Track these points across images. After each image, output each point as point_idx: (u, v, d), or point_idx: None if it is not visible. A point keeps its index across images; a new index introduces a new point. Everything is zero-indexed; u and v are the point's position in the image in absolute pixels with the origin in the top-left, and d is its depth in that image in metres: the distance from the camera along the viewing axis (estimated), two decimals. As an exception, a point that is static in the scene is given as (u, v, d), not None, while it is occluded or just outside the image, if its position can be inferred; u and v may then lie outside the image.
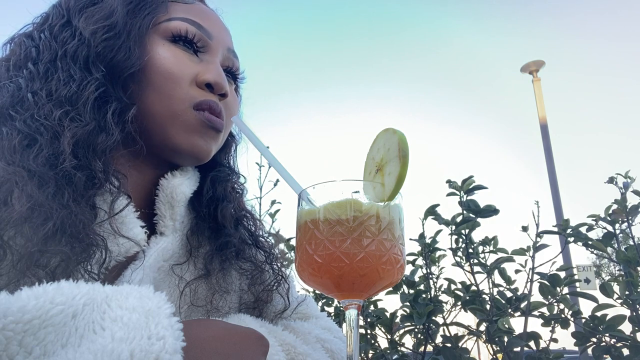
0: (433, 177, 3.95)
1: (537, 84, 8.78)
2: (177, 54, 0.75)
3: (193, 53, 0.78)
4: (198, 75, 0.76)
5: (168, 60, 0.74)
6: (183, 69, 0.75)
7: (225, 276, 0.84)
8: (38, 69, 0.68)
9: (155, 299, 0.48)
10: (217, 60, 0.79)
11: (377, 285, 0.62)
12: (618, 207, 1.65)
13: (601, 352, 1.46)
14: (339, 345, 0.84)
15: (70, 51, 0.70)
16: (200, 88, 0.76)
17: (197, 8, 0.82)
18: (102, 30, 0.71)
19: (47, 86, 0.67)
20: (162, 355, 0.43)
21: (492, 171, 27.55)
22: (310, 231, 0.62)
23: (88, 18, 0.72)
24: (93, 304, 0.46)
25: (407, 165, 0.61)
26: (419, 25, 37.62)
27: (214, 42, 0.80)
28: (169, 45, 0.76)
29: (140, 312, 0.46)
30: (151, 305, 0.47)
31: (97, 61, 0.70)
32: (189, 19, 0.78)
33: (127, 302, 0.47)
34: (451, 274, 1.79)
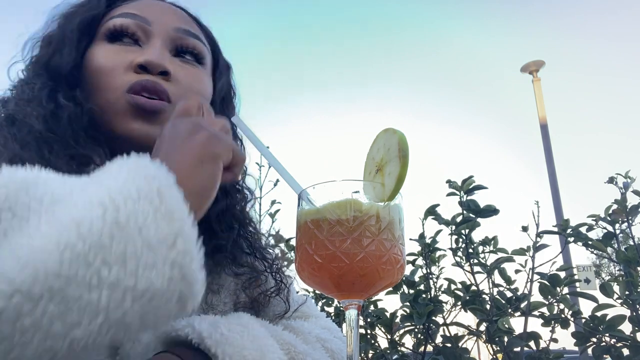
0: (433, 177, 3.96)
1: (537, 84, 8.78)
2: (112, 50, 0.78)
3: (134, 44, 0.80)
4: (133, 60, 0.77)
5: (101, 57, 0.78)
6: (116, 60, 0.77)
7: (214, 278, 0.84)
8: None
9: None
10: (157, 43, 0.80)
11: (377, 285, 0.62)
12: (618, 207, 1.65)
13: (601, 352, 1.46)
14: (338, 345, 0.84)
15: (29, 65, 0.82)
16: (136, 72, 0.77)
17: (135, 2, 0.84)
18: (45, 45, 0.81)
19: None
20: (162, 188, 0.48)
21: (492, 171, 27.55)
22: (310, 231, 0.62)
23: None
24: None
25: (407, 165, 0.61)
26: (418, 25, 37.64)
27: (153, 27, 0.81)
28: (106, 44, 0.79)
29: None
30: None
31: (38, 69, 0.79)
32: (123, 13, 0.81)
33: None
34: (451, 274, 1.79)
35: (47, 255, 0.42)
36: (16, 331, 0.40)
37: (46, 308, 0.41)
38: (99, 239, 0.44)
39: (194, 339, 0.63)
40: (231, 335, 0.65)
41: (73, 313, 0.42)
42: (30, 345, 0.41)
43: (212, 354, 0.62)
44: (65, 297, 0.42)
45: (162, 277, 0.46)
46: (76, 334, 0.43)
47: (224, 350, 0.62)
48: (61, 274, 0.42)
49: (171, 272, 0.47)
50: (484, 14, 27.09)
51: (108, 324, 0.44)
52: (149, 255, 0.46)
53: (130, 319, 0.45)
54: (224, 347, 0.63)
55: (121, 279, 0.44)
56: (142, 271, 0.45)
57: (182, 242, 0.48)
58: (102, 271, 0.43)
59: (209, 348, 0.62)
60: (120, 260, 0.44)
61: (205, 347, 0.63)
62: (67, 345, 0.43)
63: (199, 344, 0.63)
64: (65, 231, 0.43)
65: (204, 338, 0.63)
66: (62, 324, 0.42)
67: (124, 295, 0.44)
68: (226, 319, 0.68)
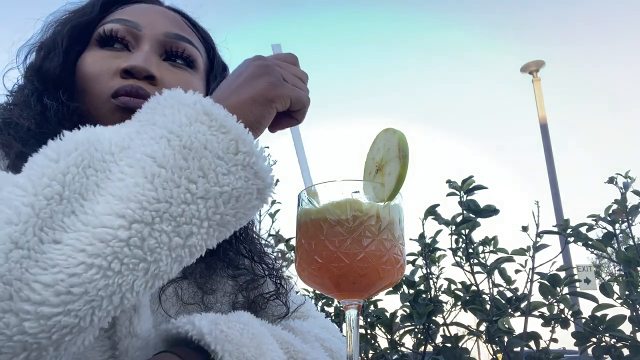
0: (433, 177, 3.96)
1: (537, 84, 8.77)
2: (102, 55, 0.79)
3: (125, 49, 0.80)
4: (119, 66, 0.77)
5: (89, 62, 0.78)
6: (103, 65, 0.77)
7: (208, 280, 0.84)
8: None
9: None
10: (145, 47, 0.80)
11: (377, 285, 0.62)
12: (618, 207, 1.65)
13: (601, 352, 1.46)
14: (337, 344, 0.85)
15: (24, 71, 0.83)
16: (122, 78, 0.77)
17: (129, 8, 0.84)
18: (38, 52, 0.83)
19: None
20: (206, 108, 0.56)
21: (492, 171, 27.55)
22: (310, 231, 0.62)
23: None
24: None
25: (407, 165, 0.61)
26: (418, 26, 37.66)
27: (143, 32, 0.80)
28: (96, 50, 0.80)
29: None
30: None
31: (30, 75, 0.81)
32: (115, 19, 0.81)
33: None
34: (451, 274, 1.79)
35: (141, 186, 0.51)
36: (147, 251, 0.49)
37: (162, 227, 0.50)
38: (175, 162, 0.52)
39: (194, 336, 0.64)
40: (231, 333, 0.65)
41: (184, 226, 0.52)
42: (161, 260, 0.51)
43: (211, 351, 0.63)
44: (172, 215, 0.51)
45: (239, 179, 0.56)
46: (192, 241, 0.53)
47: (223, 347, 0.62)
48: (159, 198, 0.51)
49: (245, 173, 0.56)
50: (484, 14, 27.09)
51: (212, 227, 0.55)
52: (221, 164, 0.55)
53: (227, 219, 0.56)
54: (223, 344, 0.63)
55: (208, 189, 0.53)
56: (222, 179, 0.54)
57: (243, 145, 0.56)
58: (191, 187, 0.53)
59: (209, 344, 0.63)
60: (202, 174, 0.53)
61: (205, 344, 0.63)
62: (187, 252, 0.53)
63: (199, 340, 0.63)
64: (146, 165, 0.52)
65: (204, 335, 0.63)
66: (179, 237, 0.52)
67: (216, 201, 0.54)
68: (226, 317, 0.69)
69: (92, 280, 0.47)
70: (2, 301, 0.45)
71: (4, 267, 0.45)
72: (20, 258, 0.45)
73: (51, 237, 0.47)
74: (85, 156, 0.51)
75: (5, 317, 0.45)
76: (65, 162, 0.50)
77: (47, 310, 0.45)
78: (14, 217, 0.46)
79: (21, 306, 0.45)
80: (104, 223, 0.48)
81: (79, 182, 0.50)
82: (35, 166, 0.50)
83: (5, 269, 0.45)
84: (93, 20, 0.83)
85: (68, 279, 0.46)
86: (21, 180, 0.49)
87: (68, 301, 0.46)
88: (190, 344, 0.64)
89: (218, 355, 0.62)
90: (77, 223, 0.49)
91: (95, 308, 0.48)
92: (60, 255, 0.46)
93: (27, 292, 0.45)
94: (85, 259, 0.47)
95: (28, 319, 0.45)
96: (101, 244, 0.47)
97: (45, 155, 0.51)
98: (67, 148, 0.51)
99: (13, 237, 0.45)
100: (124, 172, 0.52)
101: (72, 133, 0.54)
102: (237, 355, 0.63)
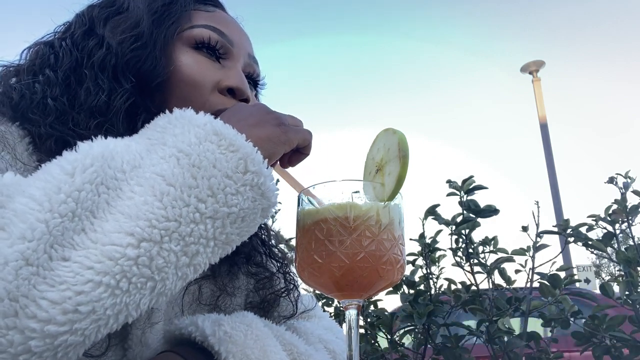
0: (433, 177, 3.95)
1: (537, 84, 8.78)
2: (200, 60, 0.76)
3: (215, 60, 0.78)
4: (220, 81, 0.76)
5: (191, 67, 0.74)
6: (205, 75, 0.75)
7: (232, 279, 0.85)
8: (57, 75, 0.69)
9: None
10: (238, 66, 0.80)
11: (377, 285, 0.62)
12: (618, 207, 1.64)
13: (601, 352, 1.46)
14: (341, 346, 0.85)
15: (97, 60, 0.70)
16: (222, 94, 0.76)
17: (218, 15, 0.82)
18: (129, 40, 0.72)
19: (68, 93, 0.69)
20: (216, 127, 0.58)
21: (493, 171, 27.54)
22: (310, 231, 0.62)
23: (114, 28, 0.74)
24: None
25: (407, 165, 0.61)
26: (418, 26, 37.66)
27: (235, 49, 0.80)
28: (192, 52, 0.76)
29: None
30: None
31: (125, 71, 0.71)
32: (211, 26, 0.78)
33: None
34: (451, 274, 1.79)
35: (150, 204, 0.51)
36: (154, 270, 0.50)
37: (170, 247, 0.51)
38: (184, 180, 0.53)
39: (198, 337, 0.64)
40: (234, 334, 0.65)
41: (191, 246, 0.52)
42: (168, 279, 0.51)
43: (215, 352, 0.63)
44: (181, 235, 0.51)
45: (247, 200, 0.56)
46: (198, 260, 0.54)
47: (227, 349, 0.63)
48: (169, 216, 0.51)
49: (253, 193, 0.57)
50: (484, 14, 27.08)
51: (217, 246, 0.55)
52: (230, 183, 0.55)
53: (232, 237, 0.57)
54: (227, 345, 0.63)
55: (217, 210, 0.54)
56: (230, 199, 0.55)
57: (252, 165, 0.57)
58: (200, 207, 0.53)
59: (212, 346, 0.63)
60: (211, 194, 0.54)
61: (208, 345, 0.63)
62: (192, 270, 0.54)
63: (202, 341, 0.63)
64: (155, 183, 0.52)
65: (207, 336, 0.63)
66: (186, 256, 0.52)
67: (224, 222, 0.55)
68: (230, 318, 0.69)
69: (99, 298, 0.46)
70: (7, 317, 0.44)
71: (12, 284, 0.44)
72: (29, 275, 0.45)
73: (60, 254, 0.47)
74: (100, 173, 0.51)
75: (9, 335, 0.44)
76: (81, 178, 0.50)
77: (53, 329, 0.44)
78: (28, 233, 0.45)
79: (27, 324, 0.44)
80: (113, 241, 0.48)
81: (91, 200, 0.50)
82: (51, 179, 0.49)
83: (13, 286, 0.44)
84: (182, 16, 0.77)
85: (75, 297, 0.45)
86: (36, 193, 0.47)
87: (75, 320, 0.45)
88: (194, 344, 0.64)
89: (222, 357, 0.62)
90: (86, 241, 0.48)
91: (102, 327, 0.47)
92: (68, 272, 0.46)
93: (33, 309, 0.44)
94: (94, 277, 0.46)
95: (34, 337, 0.44)
96: (110, 262, 0.47)
97: (62, 169, 0.50)
98: (84, 163, 0.51)
99: (25, 254, 0.44)
100: (133, 190, 0.52)
101: (87, 146, 0.53)
102: (240, 357, 0.63)
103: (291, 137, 0.65)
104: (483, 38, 29.36)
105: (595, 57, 24.37)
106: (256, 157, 0.57)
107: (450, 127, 29.84)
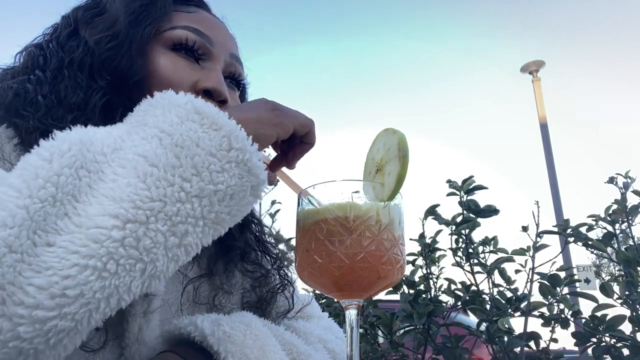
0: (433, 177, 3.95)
1: (537, 84, 8.77)
2: (177, 62, 0.76)
3: (194, 61, 0.78)
4: (197, 82, 0.76)
5: (167, 68, 0.75)
6: (182, 76, 0.75)
7: (228, 277, 0.85)
8: (46, 75, 0.71)
9: None
10: (218, 67, 0.79)
11: (377, 285, 0.62)
12: (618, 207, 1.65)
13: (601, 352, 1.46)
14: (340, 346, 0.85)
15: (76, 60, 0.73)
16: (199, 95, 0.76)
17: (199, 16, 0.82)
18: (105, 39, 0.74)
19: (55, 91, 0.70)
20: (197, 106, 0.57)
21: (492, 171, 27.54)
22: (310, 231, 0.62)
23: (93, 28, 0.75)
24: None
25: (407, 165, 0.61)
26: (418, 25, 37.67)
27: (215, 49, 0.80)
28: (170, 53, 0.76)
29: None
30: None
31: (101, 70, 0.72)
32: (191, 27, 0.78)
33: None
34: (451, 274, 1.79)
35: (134, 186, 0.50)
36: (142, 252, 0.49)
37: (157, 227, 0.50)
38: (167, 160, 0.52)
39: (197, 337, 0.64)
40: (234, 334, 0.65)
41: (179, 225, 0.52)
42: (158, 260, 0.50)
43: (214, 352, 0.63)
44: (167, 214, 0.51)
45: (233, 177, 0.55)
46: (188, 240, 0.53)
47: (226, 348, 0.63)
48: (153, 197, 0.50)
49: (239, 170, 0.56)
50: (484, 14, 27.08)
51: (207, 225, 0.54)
52: (214, 161, 0.54)
53: (222, 217, 0.56)
54: (226, 345, 0.63)
55: (203, 188, 0.53)
56: (216, 176, 0.54)
57: (236, 142, 0.56)
58: (185, 186, 0.52)
59: (212, 345, 0.63)
60: (195, 173, 0.53)
61: (207, 345, 0.63)
62: (184, 252, 0.53)
63: (202, 341, 0.63)
64: (138, 164, 0.52)
65: (206, 336, 0.63)
66: (175, 236, 0.51)
67: (211, 200, 0.54)
68: (229, 318, 0.69)
69: (87, 281, 0.46)
70: None
71: None
72: (13, 262, 0.45)
73: (44, 240, 0.47)
74: (79, 157, 0.51)
75: None
76: (59, 163, 0.50)
77: (41, 314, 0.45)
78: (9, 220, 0.45)
79: (15, 310, 0.44)
80: (97, 224, 0.48)
81: (71, 184, 0.50)
82: (28, 166, 0.49)
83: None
84: (160, 16, 0.77)
85: (62, 282, 0.45)
86: (15, 180, 0.48)
87: (63, 304, 0.45)
88: (193, 344, 0.64)
89: (221, 356, 0.62)
90: (70, 225, 0.48)
91: (93, 311, 0.47)
92: (53, 257, 0.46)
93: (20, 295, 0.44)
94: (79, 261, 0.46)
95: (22, 324, 0.44)
96: (95, 245, 0.47)
97: (39, 155, 0.50)
98: (61, 149, 0.51)
99: (7, 241, 0.44)
100: (116, 172, 0.52)
101: (64, 133, 0.53)
102: (239, 357, 0.63)
103: (284, 121, 0.64)
104: (483, 38, 29.35)
105: (595, 57, 24.37)
106: (240, 134, 0.56)
107: (450, 127, 29.83)
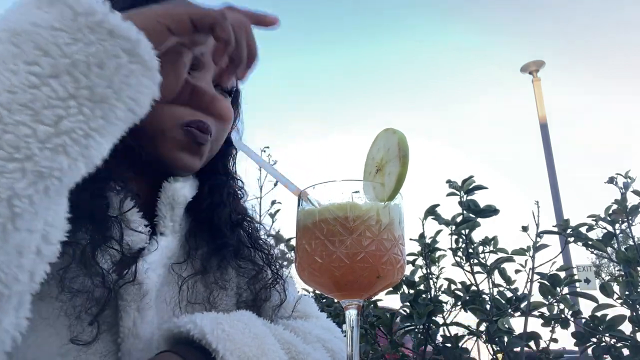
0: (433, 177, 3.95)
1: (537, 84, 8.77)
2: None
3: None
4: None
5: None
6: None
7: (222, 273, 0.86)
8: None
9: None
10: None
11: (377, 285, 0.62)
12: (618, 207, 1.65)
13: (601, 352, 1.46)
14: (339, 345, 0.85)
15: None
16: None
17: None
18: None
19: None
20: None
21: (492, 171, 27.55)
22: (310, 231, 0.62)
23: None
24: None
25: (407, 165, 0.61)
26: (418, 26, 37.67)
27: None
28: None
29: None
30: None
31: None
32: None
33: None
34: (451, 274, 1.79)
35: None
36: (9, 149, 0.44)
37: (14, 119, 0.45)
38: (7, 53, 0.47)
39: (196, 335, 0.64)
40: (233, 332, 0.65)
41: (44, 111, 0.47)
42: (36, 155, 0.45)
43: (213, 350, 0.63)
44: (20, 103, 0.46)
45: (91, 44, 0.49)
46: (67, 125, 0.47)
47: (225, 347, 0.63)
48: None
49: (96, 35, 0.49)
50: (484, 14, 27.10)
51: (85, 105, 0.48)
52: (60, 34, 0.48)
53: (101, 91, 0.49)
54: (225, 344, 0.63)
55: (56, 64, 0.48)
56: (67, 49, 0.48)
57: (79, 6, 0.50)
58: (33, 69, 0.47)
59: (210, 344, 0.63)
60: (41, 53, 0.48)
61: (206, 343, 0.63)
62: (69, 139, 0.47)
63: (201, 340, 0.64)
64: None
65: (205, 334, 0.63)
66: (43, 124, 0.46)
67: (72, 75, 0.48)
68: (228, 316, 0.69)
69: None
70: None
71: None
72: None
73: None
74: None
75: None
76: None
77: None
78: None
79: None
80: None
81: None
82: None
83: None
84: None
85: None
86: None
87: None
88: (192, 343, 0.64)
89: (219, 354, 0.62)
90: None
91: None
92: None
93: None
94: None
95: None
96: None
97: None
98: None
99: None
100: None
101: None
102: (238, 355, 0.63)
103: (173, 9, 0.57)
104: (483, 38, 29.35)
105: (595, 57, 24.39)
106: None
107: (450, 127, 29.84)
